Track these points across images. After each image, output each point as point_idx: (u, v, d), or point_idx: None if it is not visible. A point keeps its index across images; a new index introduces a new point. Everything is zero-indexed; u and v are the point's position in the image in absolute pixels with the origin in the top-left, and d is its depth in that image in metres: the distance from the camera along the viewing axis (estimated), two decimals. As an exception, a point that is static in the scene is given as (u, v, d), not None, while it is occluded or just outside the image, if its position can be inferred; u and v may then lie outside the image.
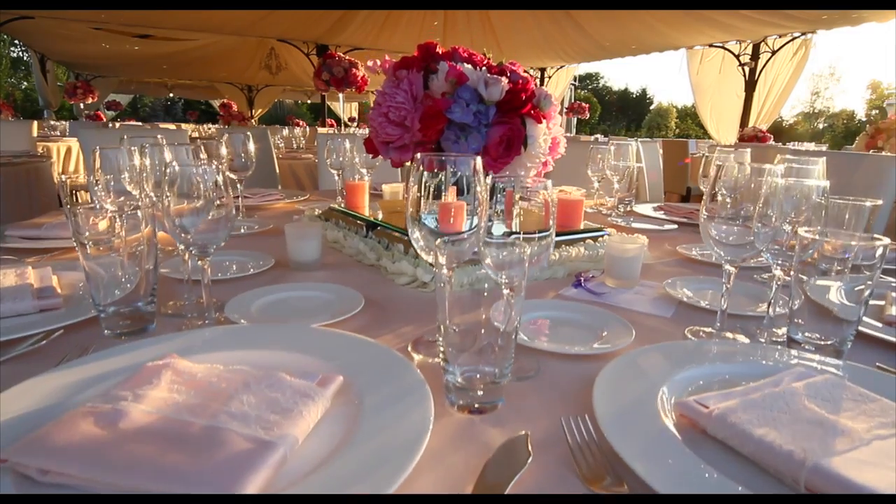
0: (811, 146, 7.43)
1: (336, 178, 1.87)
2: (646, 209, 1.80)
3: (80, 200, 1.07)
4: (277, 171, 3.63)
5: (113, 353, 0.57)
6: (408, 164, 1.25)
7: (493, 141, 1.04)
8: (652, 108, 39.20)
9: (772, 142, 7.25)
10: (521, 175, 1.14)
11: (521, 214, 1.16)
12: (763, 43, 8.29)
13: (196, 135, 8.23)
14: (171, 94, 22.25)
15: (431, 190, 0.64)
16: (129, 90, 20.80)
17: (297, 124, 17.93)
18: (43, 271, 0.85)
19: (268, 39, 11.24)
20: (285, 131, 4.83)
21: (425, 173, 0.64)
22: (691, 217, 1.67)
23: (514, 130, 1.05)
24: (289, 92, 20.84)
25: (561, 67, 12.60)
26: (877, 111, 28.39)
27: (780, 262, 0.74)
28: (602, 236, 1.17)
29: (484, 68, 1.09)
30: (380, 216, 1.47)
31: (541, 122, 1.09)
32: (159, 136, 1.10)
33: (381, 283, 0.94)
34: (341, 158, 1.84)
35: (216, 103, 23.03)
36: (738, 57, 8.60)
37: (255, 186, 3.64)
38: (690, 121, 31.99)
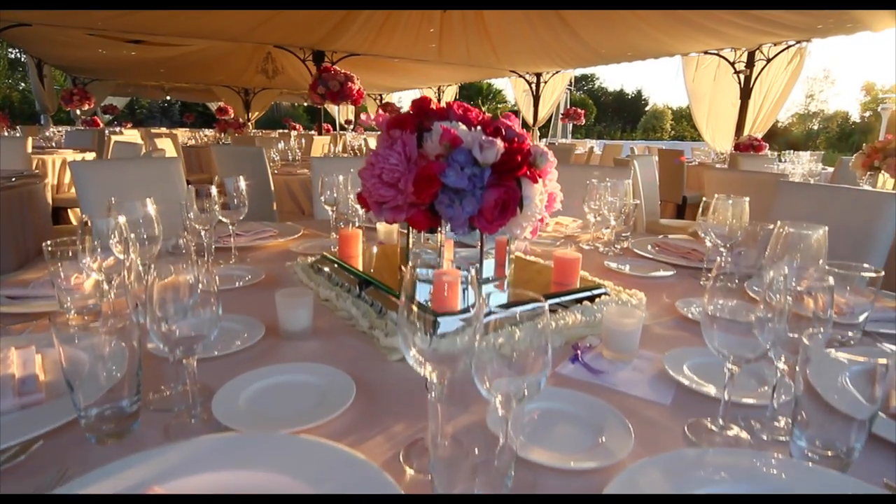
0: (806, 156, 7.43)
1: (330, 213, 1.85)
2: (643, 246, 1.78)
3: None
4: (273, 188, 3.61)
5: (90, 482, 0.55)
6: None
7: (489, 204, 1.02)
8: (647, 109, 39.28)
9: (767, 151, 7.27)
10: (516, 234, 1.12)
11: (513, 272, 1.14)
12: (758, 51, 8.30)
13: (192, 142, 8.21)
14: (168, 97, 22.24)
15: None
16: (126, 93, 20.76)
17: (294, 128, 17.91)
18: (26, 353, 0.83)
19: (265, 45, 11.20)
20: (281, 144, 4.80)
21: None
22: (689, 258, 1.65)
23: (510, 193, 1.04)
24: (285, 95, 20.84)
25: (557, 72, 12.60)
26: (870, 113, 28.49)
27: (783, 356, 0.72)
28: (600, 295, 1.15)
29: (479, 128, 1.07)
30: (375, 250, 1.45)
31: (537, 182, 1.08)
32: (150, 207, 1.07)
33: (373, 358, 0.92)
34: (335, 195, 1.82)
35: (213, 106, 23.05)
36: (733, 64, 8.62)
37: (250, 207, 3.63)
38: (686, 122, 32.05)
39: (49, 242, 1.04)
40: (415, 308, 0.61)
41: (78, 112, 9.52)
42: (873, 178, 3.33)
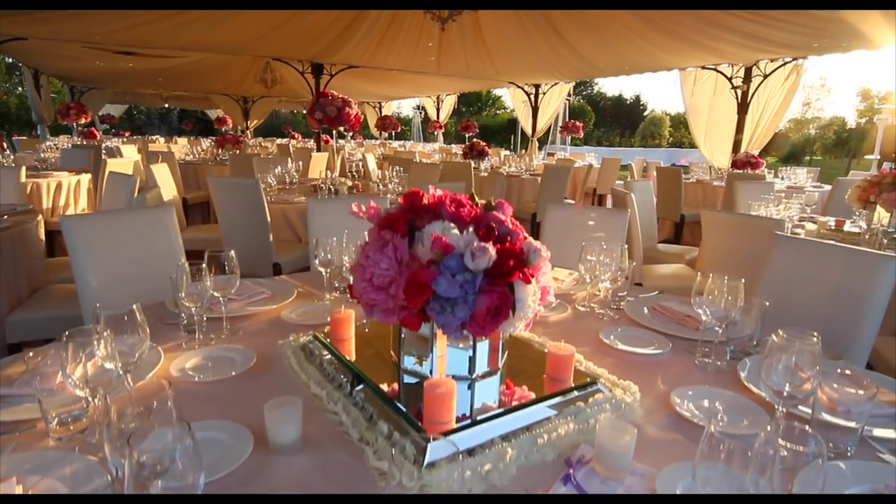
0: (803, 173, 7.47)
1: (325, 273, 1.84)
2: (638, 309, 1.76)
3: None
4: (269, 220, 3.60)
5: None
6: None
7: (481, 311, 1.01)
8: (646, 114, 39.41)
9: (764, 168, 7.29)
10: (508, 331, 1.11)
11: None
12: (755, 67, 8.34)
13: (190, 157, 8.18)
14: (167, 105, 22.24)
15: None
16: (125, 100, 20.79)
17: (293, 137, 17.90)
18: (6, 488, 0.81)
19: (263, 57, 11.23)
20: (278, 169, 4.80)
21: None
22: (685, 324, 1.64)
23: (503, 298, 1.02)
24: (284, 102, 20.85)
25: (556, 84, 12.62)
26: (865, 120, 28.51)
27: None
28: (594, 393, 1.14)
29: (471, 229, 1.06)
30: (368, 329, 1.43)
31: (530, 282, 1.07)
32: (137, 314, 1.06)
33: (363, 480, 0.90)
34: (329, 256, 1.81)
35: (212, 113, 23.07)
36: (730, 79, 8.65)
37: (247, 241, 3.61)
38: (684, 129, 32.08)
39: (31, 353, 1.03)
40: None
41: (75, 125, 9.49)
42: (869, 212, 3.33)
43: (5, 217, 3.00)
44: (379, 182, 4.56)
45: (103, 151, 7.76)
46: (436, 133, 16.35)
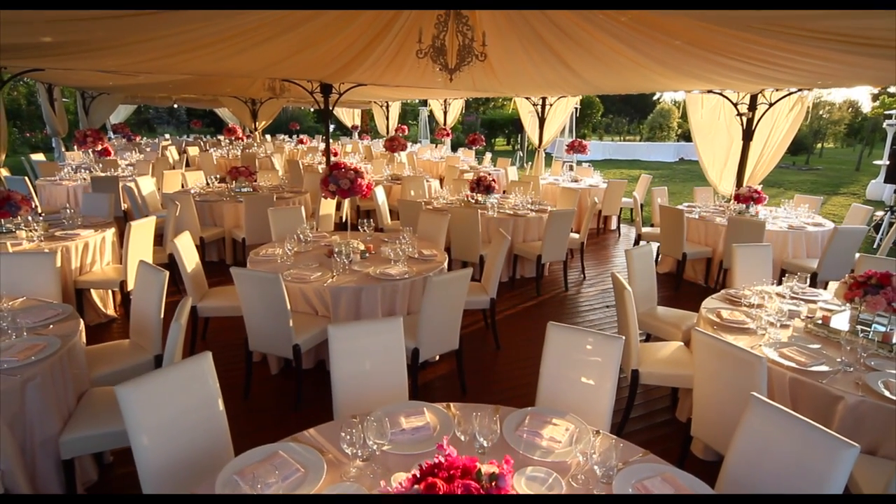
0: (804, 211, 7.60)
1: (350, 453, 2.09)
2: (625, 488, 2.00)
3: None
4: (289, 308, 3.85)
5: None
6: None
7: None
8: (654, 99, 39.06)
9: (764, 205, 7.43)
10: None
11: None
12: (760, 94, 8.42)
13: (204, 190, 8.40)
14: (175, 106, 22.41)
15: None
16: (135, 101, 21.01)
17: (301, 141, 17.99)
18: None
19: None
20: (295, 235, 5.07)
21: None
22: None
23: None
24: (292, 102, 20.98)
25: (563, 97, 12.70)
26: (878, 113, 28.10)
27: None
28: None
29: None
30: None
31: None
32: None
33: None
34: (354, 438, 2.06)
35: (220, 111, 23.16)
36: (736, 105, 8.73)
37: (267, 324, 3.87)
38: (693, 119, 31.75)
39: None
40: None
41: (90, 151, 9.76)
42: (856, 309, 3.52)
43: (51, 326, 3.27)
44: (390, 247, 4.80)
45: (121, 187, 8.05)
46: (443, 140, 16.46)
